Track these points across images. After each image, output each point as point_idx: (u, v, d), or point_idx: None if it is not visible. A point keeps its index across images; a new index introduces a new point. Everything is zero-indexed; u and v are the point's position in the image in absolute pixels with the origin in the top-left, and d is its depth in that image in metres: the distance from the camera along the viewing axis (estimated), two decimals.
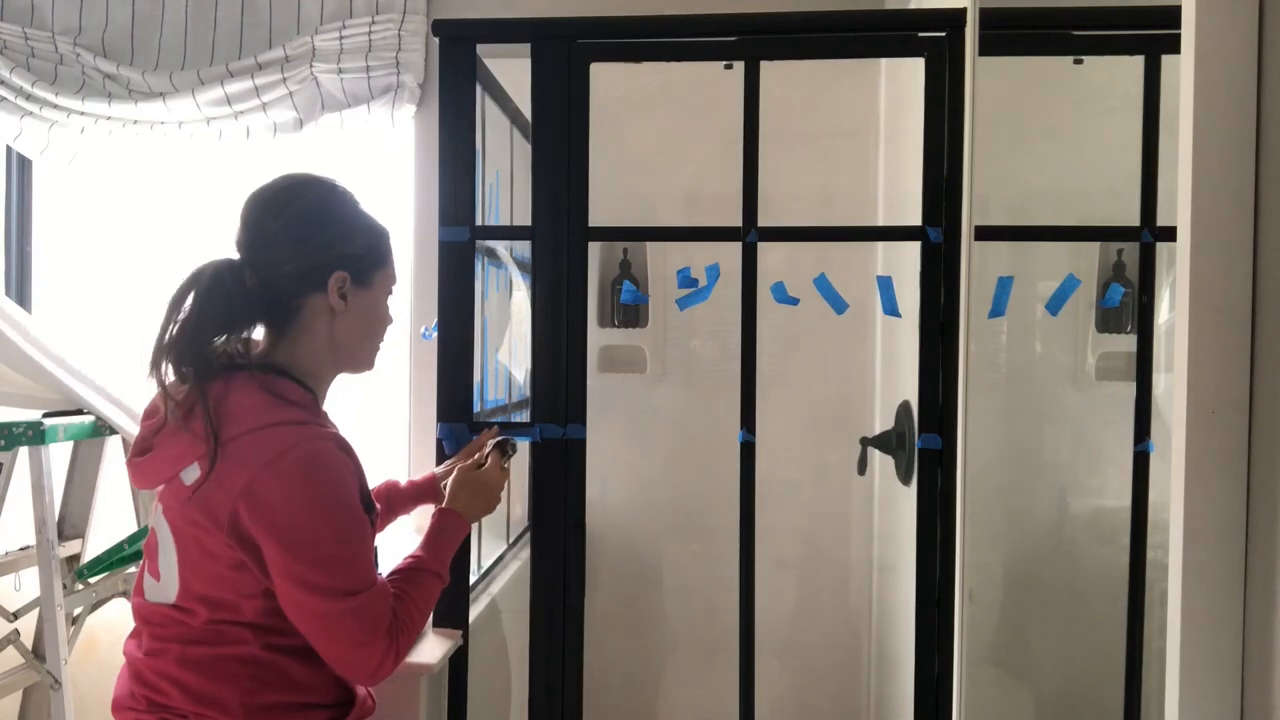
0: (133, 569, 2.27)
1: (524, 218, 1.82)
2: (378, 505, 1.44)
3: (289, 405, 1.25)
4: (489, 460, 1.59)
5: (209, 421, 1.20)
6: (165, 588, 1.27)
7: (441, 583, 1.41)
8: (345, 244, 1.31)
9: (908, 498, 1.90)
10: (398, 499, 1.65)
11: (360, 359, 1.40)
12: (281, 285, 1.28)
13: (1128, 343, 1.61)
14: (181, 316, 1.24)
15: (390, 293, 1.41)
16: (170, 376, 1.25)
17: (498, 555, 2.25)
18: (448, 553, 1.44)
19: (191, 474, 1.22)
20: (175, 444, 1.23)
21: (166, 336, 1.24)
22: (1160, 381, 1.50)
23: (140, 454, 1.28)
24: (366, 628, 1.23)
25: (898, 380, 2.23)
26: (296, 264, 1.28)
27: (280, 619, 1.25)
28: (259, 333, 1.33)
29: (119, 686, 1.32)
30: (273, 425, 1.22)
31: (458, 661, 1.76)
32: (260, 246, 1.29)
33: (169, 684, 1.25)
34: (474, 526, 1.85)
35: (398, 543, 1.70)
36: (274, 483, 1.18)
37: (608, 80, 1.82)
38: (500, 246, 2.23)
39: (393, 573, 1.36)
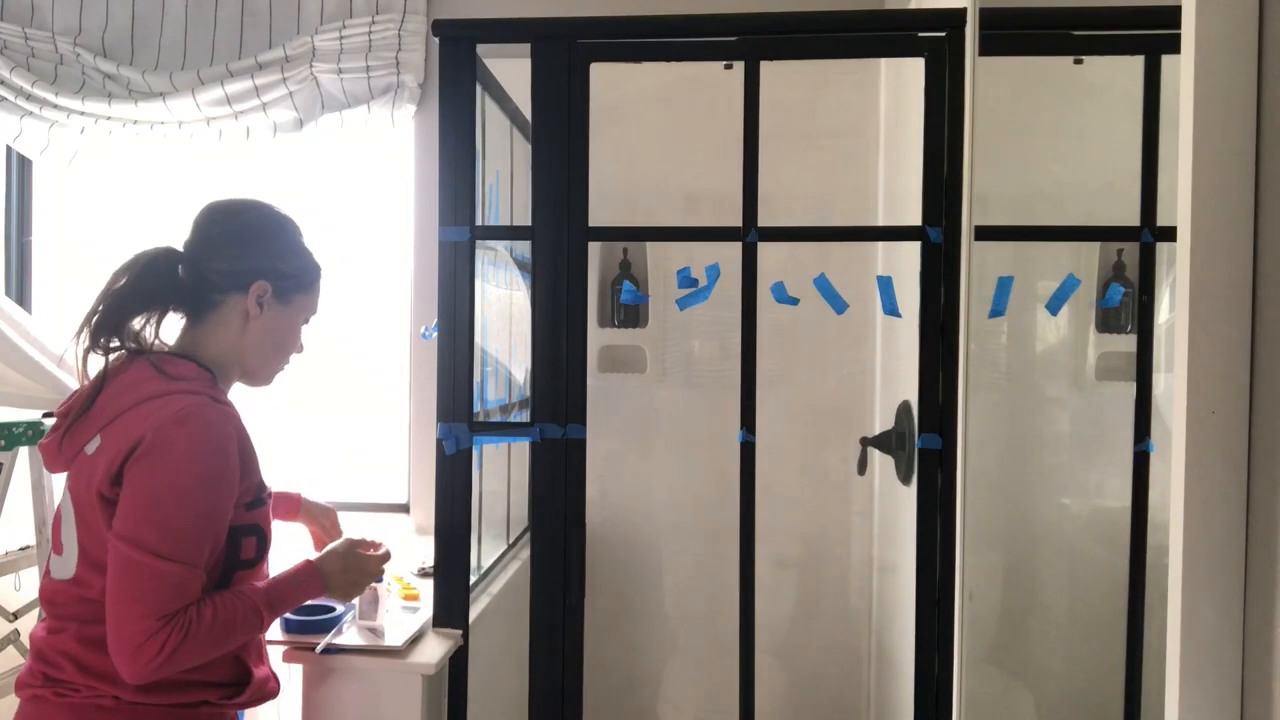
0: None
1: (524, 218, 1.82)
2: (269, 486, 1.44)
3: (176, 379, 1.33)
4: (374, 555, 1.54)
5: (93, 398, 1.32)
6: (67, 560, 1.33)
7: (260, 624, 1.34)
8: (278, 260, 1.43)
9: (908, 498, 1.90)
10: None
11: (260, 371, 1.47)
12: (209, 279, 1.40)
13: (1128, 343, 1.61)
14: (114, 289, 1.36)
15: (306, 321, 1.50)
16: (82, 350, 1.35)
17: (498, 555, 2.25)
18: (287, 602, 1.39)
19: (93, 445, 1.31)
20: (80, 427, 1.33)
21: (96, 309, 1.35)
22: (1160, 381, 1.50)
23: (50, 439, 1.38)
24: (153, 598, 1.21)
25: (898, 380, 2.23)
26: (228, 264, 1.40)
27: None
28: (175, 329, 1.43)
29: (23, 668, 1.37)
30: (164, 394, 1.30)
31: (458, 661, 1.76)
32: (201, 244, 1.41)
33: (64, 659, 1.30)
34: (472, 526, 1.86)
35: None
36: (152, 436, 1.25)
37: (608, 80, 1.82)
38: (500, 246, 2.23)
39: (228, 589, 1.33)
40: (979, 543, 1.63)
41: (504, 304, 2.27)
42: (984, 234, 1.58)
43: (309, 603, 1.48)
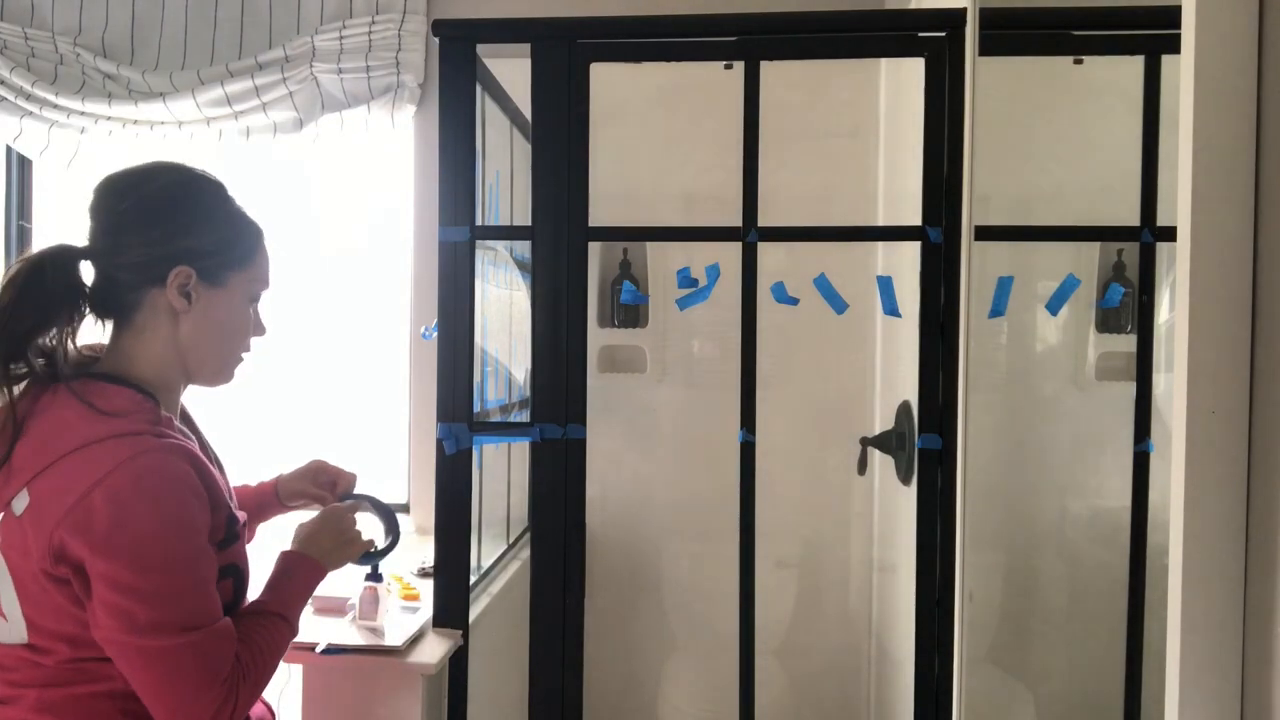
0: None
1: (524, 218, 1.82)
2: (241, 516, 1.27)
3: (111, 416, 1.12)
4: (351, 510, 1.45)
5: (12, 443, 1.11)
6: (14, 627, 1.15)
7: (289, 629, 1.24)
8: (193, 237, 1.18)
9: (908, 498, 1.90)
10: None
11: (211, 368, 1.25)
12: (120, 277, 1.17)
13: (1128, 343, 1.61)
14: None
15: (254, 298, 1.26)
16: None
17: (498, 555, 2.25)
18: (296, 597, 1.28)
19: (21, 503, 1.10)
20: (3, 480, 1.12)
21: None
22: (1160, 381, 1.50)
23: None
24: (204, 671, 1.10)
25: (898, 380, 2.23)
26: (137, 254, 1.17)
27: None
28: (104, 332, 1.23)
29: None
30: (98, 441, 1.10)
31: (458, 661, 1.76)
32: (103, 233, 1.18)
33: None
34: (472, 526, 1.85)
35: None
36: (99, 504, 1.06)
37: (608, 80, 1.82)
38: (500, 246, 2.23)
39: (233, 616, 1.20)
40: (979, 543, 1.63)
41: (504, 304, 2.27)
42: (984, 234, 1.58)
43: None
